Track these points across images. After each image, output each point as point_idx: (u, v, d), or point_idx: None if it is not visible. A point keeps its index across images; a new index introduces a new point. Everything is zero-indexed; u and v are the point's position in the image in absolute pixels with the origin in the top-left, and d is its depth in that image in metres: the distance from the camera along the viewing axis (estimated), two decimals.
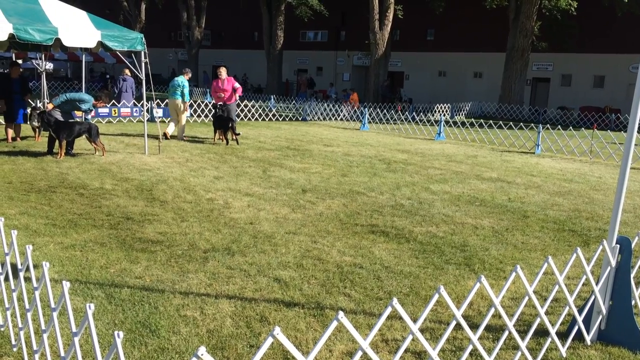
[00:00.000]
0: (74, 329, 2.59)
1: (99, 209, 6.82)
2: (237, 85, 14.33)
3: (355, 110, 24.77)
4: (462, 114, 30.08)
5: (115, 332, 2.14)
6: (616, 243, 3.80)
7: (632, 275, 3.88)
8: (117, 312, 3.99)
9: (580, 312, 3.85)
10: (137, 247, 5.45)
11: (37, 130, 12.84)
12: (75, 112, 11.55)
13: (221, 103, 14.07)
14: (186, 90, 14.29)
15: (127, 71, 18.35)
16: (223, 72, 14.20)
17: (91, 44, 10.30)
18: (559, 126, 20.86)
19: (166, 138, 13.90)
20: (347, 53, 44.52)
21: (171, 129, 14.41)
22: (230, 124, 13.69)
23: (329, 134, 17.56)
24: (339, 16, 42.91)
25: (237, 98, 14.66)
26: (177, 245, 5.56)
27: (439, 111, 28.05)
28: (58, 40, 9.92)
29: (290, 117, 23.28)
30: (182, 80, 14.33)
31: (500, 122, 19.03)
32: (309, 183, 9.13)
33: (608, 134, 17.32)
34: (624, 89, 32.03)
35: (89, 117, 11.42)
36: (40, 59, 16.64)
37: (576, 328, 3.82)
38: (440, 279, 4.98)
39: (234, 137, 13.88)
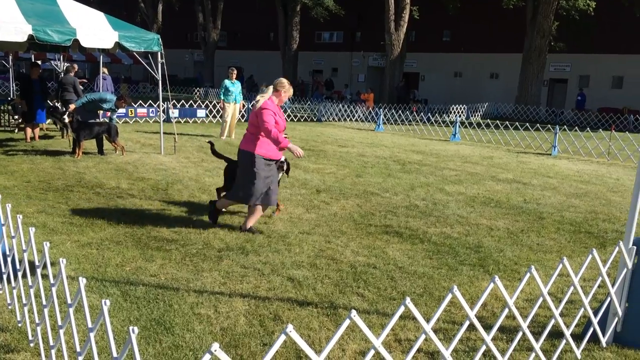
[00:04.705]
0: (89, 325, 2.63)
1: (115, 208, 6.90)
2: None
3: (370, 111, 24.75)
4: (477, 115, 29.89)
5: (130, 327, 2.17)
6: (633, 244, 3.76)
7: None
8: (132, 310, 4.04)
9: (595, 314, 3.81)
10: (152, 246, 5.50)
11: (63, 129, 13.05)
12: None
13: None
14: (225, 91, 14.76)
15: (105, 70, 18.40)
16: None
17: (109, 44, 10.41)
18: (576, 127, 20.64)
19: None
20: (362, 54, 44.47)
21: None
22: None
23: (344, 135, 17.56)
24: (355, 17, 42.86)
25: None
26: (192, 244, 5.61)
27: (454, 112, 27.90)
28: (76, 41, 10.04)
29: (305, 117, 23.32)
30: (223, 82, 14.97)
31: (517, 123, 18.87)
32: (323, 183, 9.14)
33: (626, 136, 17.09)
34: None
35: (114, 116, 11.41)
36: (59, 60, 16.87)
37: (591, 330, 3.78)
38: (454, 280, 4.96)
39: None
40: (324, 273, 4.98)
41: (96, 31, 10.15)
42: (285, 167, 6.40)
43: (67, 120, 10.61)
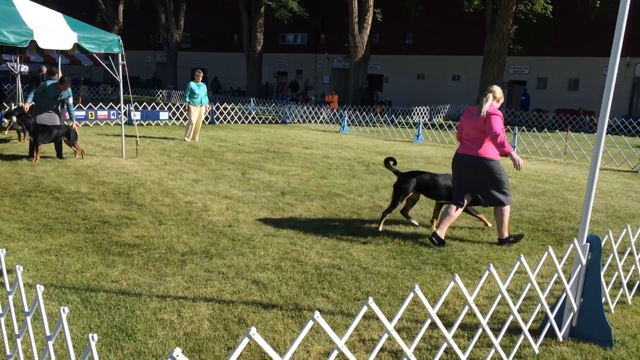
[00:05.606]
0: (48, 333, 2.57)
1: (75, 213, 6.74)
2: None
3: (334, 113, 24.87)
4: (440, 116, 30.37)
5: (90, 335, 2.13)
6: (586, 242, 3.90)
7: (602, 273, 3.98)
8: (92, 317, 3.96)
9: (552, 309, 3.93)
10: (114, 251, 5.41)
11: (20, 132, 12.67)
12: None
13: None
14: (190, 93, 14.58)
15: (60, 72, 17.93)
16: None
17: (67, 46, 10.17)
18: (535, 128, 21.19)
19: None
20: (326, 56, 44.64)
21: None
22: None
23: (309, 137, 17.60)
24: (319, 19, 43.02)
25: None
26: (155, 249, 5.53)
27: (417, 113, 28.28)
28: (33, 42, 9.78)
29: (270, 119, 23.27)
30: (188, 84, 14.76)
31: None
32: (288, 185, 9.14)
33: (582, 136, 17.66)
34: (598, 92, 32.65)
35: (71, 102, 10.88)
36: (16, 61, 16.40)
37: (548, 325, 3.90)
38: (417, 279, 5.04)
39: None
40: (288, 275, 4.99)
41: (54, 32, 9.91)
42: None
43: (15, 119, 10.32)
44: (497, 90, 6.17)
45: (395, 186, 6.75)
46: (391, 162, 6.91)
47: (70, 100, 10.91)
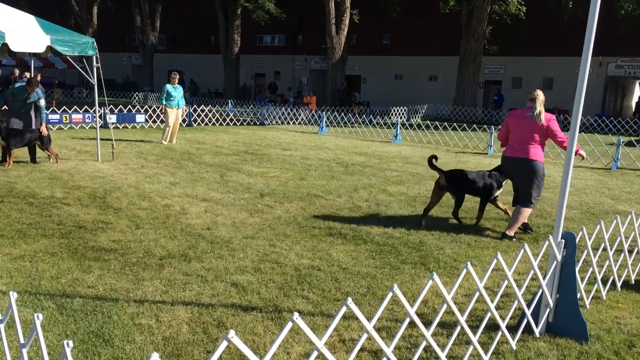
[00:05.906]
0: (22, 340, 2.52)
1: (50, 218, 6.63)
2: None
3: (313, 114, 24.89)
4: (418, 117, 30.59)
5: (65, 342, 2.10)
6: (561, 238, 3.96)
7: (577, 269, 4.04)
8: (68, 323, 3.90)
9: (529, 305, 3.99)
10: (90, 256, 5.33)
11: None
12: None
13: None
14: (167, 96, 14.43)
15: (26, 74, 17.62)
16: None
17: (40, 48, 10.00)
18: None
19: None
20: (304, 57, 44.64)
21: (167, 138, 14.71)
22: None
23: (287, 138, 17.58)
24: (296, 20, 43.00)
25: None
26: (132, 253, 5.47)
27: (395, 114, 28.45)
28: (5, 45, 9.59)
29: (248, 121, 23.18)
30: (165, 87, 14.63)
31: (455, 124, 19.46)
32: (267, 187, 9.11)
33: None
34: (572, 91, 33.17)
35: (42, 104, 10.59)
36: None
37: (525, 321, 3.95)
38: (396, 279, 5.06)
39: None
40: (268, 277, 4.98)
41: (26, 35, 9.72)
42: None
43: None
44: (541, 93, 6.54)
45: (451, 186, 7.03)
46: (434, 160, 7.19)
47: (42, 102, 10.71)
